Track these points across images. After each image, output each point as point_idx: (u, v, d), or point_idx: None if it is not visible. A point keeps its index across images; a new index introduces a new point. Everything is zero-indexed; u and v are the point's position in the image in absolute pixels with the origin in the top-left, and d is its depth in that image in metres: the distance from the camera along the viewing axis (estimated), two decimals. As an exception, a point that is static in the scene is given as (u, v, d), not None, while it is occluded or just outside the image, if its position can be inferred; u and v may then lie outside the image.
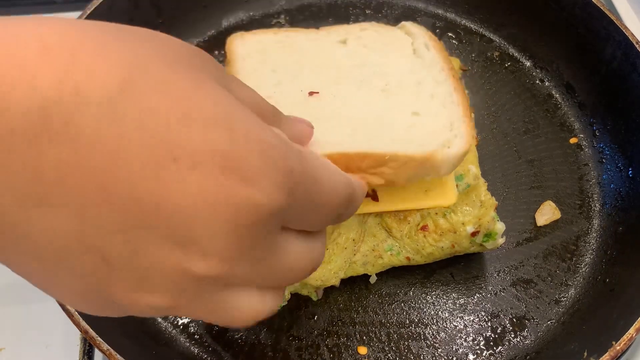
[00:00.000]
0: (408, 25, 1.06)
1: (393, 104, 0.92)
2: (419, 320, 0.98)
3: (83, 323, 0.82)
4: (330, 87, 0.94)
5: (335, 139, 0.84)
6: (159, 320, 0.96)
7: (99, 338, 0.81)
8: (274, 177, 0.43)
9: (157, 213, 0.39)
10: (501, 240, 0.97)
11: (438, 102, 0.92)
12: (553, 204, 1.08)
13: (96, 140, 0.37)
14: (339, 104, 0.91)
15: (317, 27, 1.28)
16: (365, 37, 1.03)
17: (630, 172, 1.08)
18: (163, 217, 0.40)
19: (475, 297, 1.00)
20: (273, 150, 0.44)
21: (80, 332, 0.97)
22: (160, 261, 0.42)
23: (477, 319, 0.98)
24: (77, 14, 1.12)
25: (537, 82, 1.23)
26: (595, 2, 1.13)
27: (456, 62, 1.13)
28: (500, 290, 1.00)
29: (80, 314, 0.83)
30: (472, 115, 1.05)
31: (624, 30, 1.09)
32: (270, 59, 1.00)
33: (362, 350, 0.95)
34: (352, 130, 0.86)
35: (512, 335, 0.96)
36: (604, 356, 0.83)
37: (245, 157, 0.42)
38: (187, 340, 0.95)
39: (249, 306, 0.49)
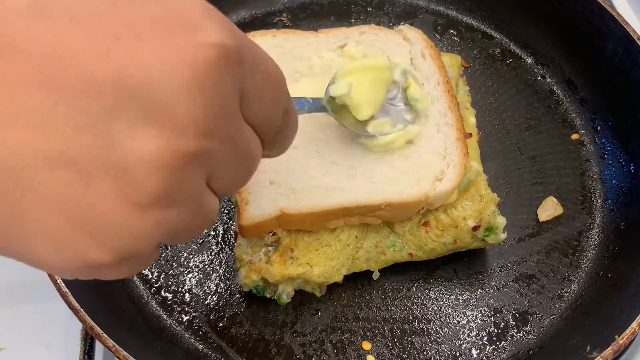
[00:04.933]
0: (405, 30, 1.07)
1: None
2: (422, 316, 0.98)
3: (89, 319, 0.82)
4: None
5: (336, 184, 0.89)
6: (164, 316, 0.97)
7: (104, 334, 0.82)
8: (218, 19, 0.43)
9: (117, 93, 0.38)
10: (503, 236, 0.97)
11: (432, 124, 0.95)
12: (555, 200, 1.09)
13: (32, 43, 0.37)
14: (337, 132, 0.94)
15: (319, 25, 1.29)
16: (364, 42, 1.04)
17: (632, 167, 1.09)
18: (125, 96, 0.38)
19: (478, 292, 1.00)
20: (211, 6, 0.44)
21: (81, 330, 0.98)
22: (138, 146, 0.39)
23: (480, 315, 0.98)
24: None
25: (539, 78, 1.24)
26: (596, -2, 1.14)
27: (457, 59, 1.13)
28: (503, 286, 1.01)
29: (86, 310, 0.83)
30: (474, 119, 1.06)
31: (625, 27, 1.10)
32: None
33: (366, 345, 0.95)
34: (351, 174, 0.90)
35: (515, 331, 0.97)
36: (606, 350, 0.84)
37: (183, 11, 0.42)
38: (192, 336, 0.95)
39: (215, 204, 0.49)
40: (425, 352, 0.95)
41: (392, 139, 0.90)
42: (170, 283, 1.00)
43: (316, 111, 0.83)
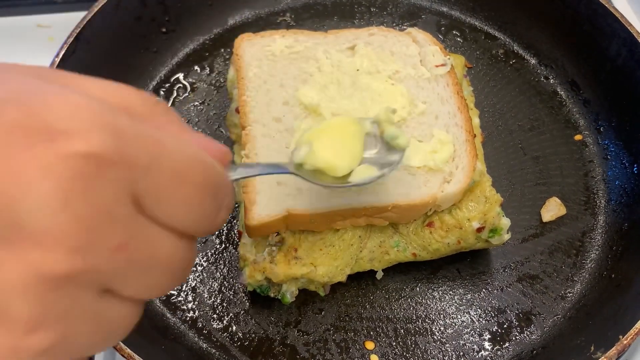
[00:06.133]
0: (414, 32, 1.07)
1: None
2: (425, 315, 0.98)
3: (93, 317, 0.82)
4: (337, 105, 0.97)
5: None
6: (168, 315, 0.97)
7: (109, 332, 0.81)
8: (90, 118, 0.39)
9: None
10: (507, 236, 0.97)
11: (442, 124, 0.96)
12: (558, 200, 1.09)
13: None
14: None
15: (322, 25, 1.29)
16: (373, 43, 1.05)
17: (635, 168, 1.09)
18: None
19: (482, 292, 1.00)
20: (88, 100, 0.40)
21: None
22: (1, 272, 0.37)
23: (484, 315, 0.98)
24: (82, 14, 1.12)
25: (542, 79, 1.24)
26: (599, -1, 1.14)
27: (461, 60, 1.13)
28: (506, 286, 1.01)
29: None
30: (478, 120, 1.06)
31: (628, 28, 1.10)
32: (278, 71, 1.01)
33: (370, 345, 0.95)
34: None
35: (519, 331, 0.97)
36: (611, 350, 0.84)
37: (44, 115, 0.38)
38: (196, 335, 0.95)
39: (124, 311, 0.44)
40: (428, 352, 0.95)
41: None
42: (174, 282, 1.00)
43: (279, 173, 0.77)
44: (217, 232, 1.04)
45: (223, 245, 1.03)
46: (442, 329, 0.97)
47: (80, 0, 1.34)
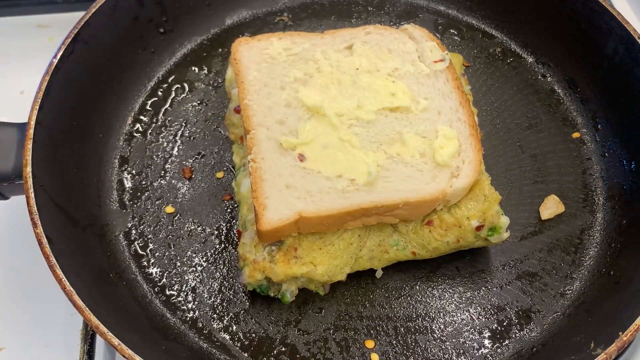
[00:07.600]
0: (410, 28, 1.07)
1: (403, 128, 0.95)
2: (425, 314, 0.98)
3: (94, 318, 0.82)
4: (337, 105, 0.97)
5: (352, 185, 0.89)
6: (168, 315, 0.97)
7: (109, 333, 0.82)
8: None
9: None
10: (506, 235, 0.98)
11: (445, 120, 0.96)
12: (557, 198, 1.09)
13: None
14: (351, 132, 0.95)
15: (320, 25, 1.29)
16: (370, 42, 1.05)
17: (633, 165, 1.09)
18: None
19: (481, 290, 1.00)
20: None
21: (81, 330, 0.98)
22: None
23: (484, 312, 0.98)
24: (80, 14, 1.12)
25: (540, 77, 1.24)
26: (596, -3, 1.14)
27: (458, 59, 1.14)
28: (505, 284, 1.01)
29: (91, 309, 0.83)
30: (476, 118, 1.06)
31: (625, 26, 1.10)
32: (278, 73, 1.02)
33: (370, 343, 0.95)
34: (368, 173, 0.90)
35: (518, 328, 0.97)
36: (611, 347, 0.84)
37: None
38: (196, 335, 0.95)
39: None
40: (428, 350, 0.95)
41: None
42: (173, 282, 1.00)
43: None
44: (216, 232, 1.04)
45: (222, 245, 1.03)
46: (442, 327, 0.97)
47: (79, 0, 1.34)
